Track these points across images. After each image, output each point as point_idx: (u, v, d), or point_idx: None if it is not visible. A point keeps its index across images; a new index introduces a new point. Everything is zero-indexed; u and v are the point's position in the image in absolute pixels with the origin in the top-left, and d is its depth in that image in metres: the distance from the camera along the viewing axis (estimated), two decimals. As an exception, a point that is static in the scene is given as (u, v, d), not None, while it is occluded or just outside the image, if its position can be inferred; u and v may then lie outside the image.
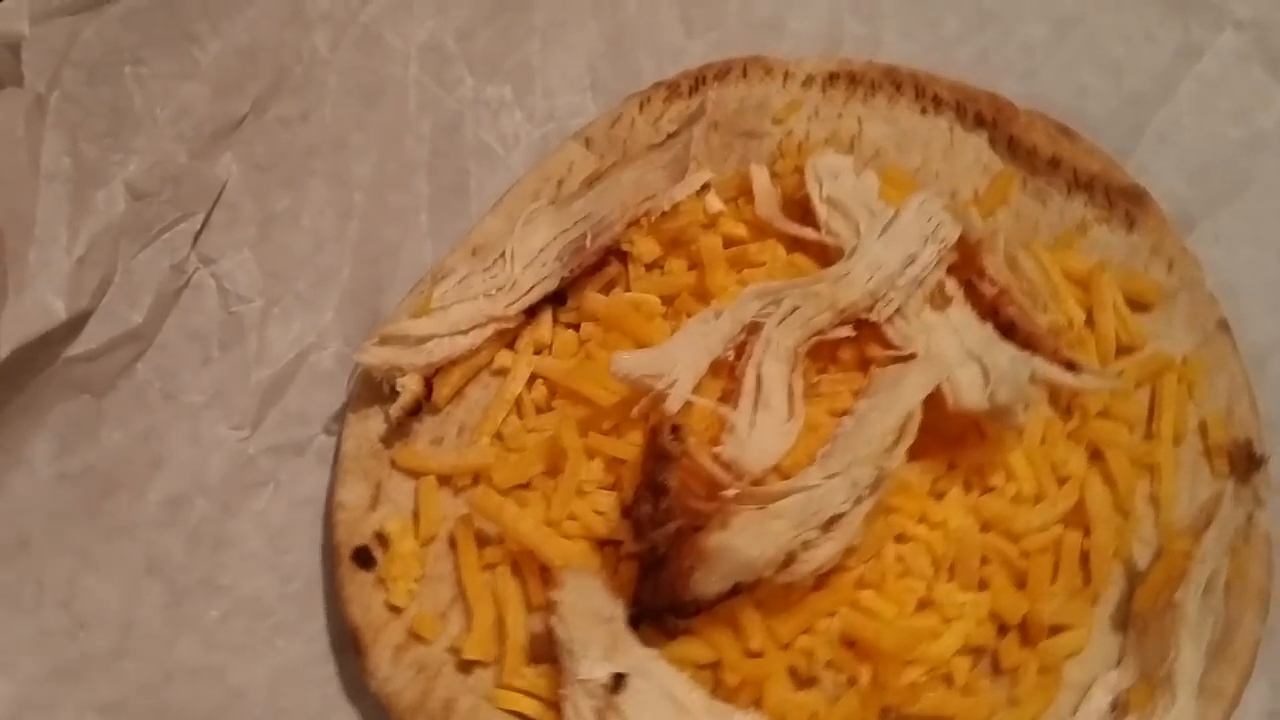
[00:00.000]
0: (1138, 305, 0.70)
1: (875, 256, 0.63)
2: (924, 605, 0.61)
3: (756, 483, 0.59)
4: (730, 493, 0.58)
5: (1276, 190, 0.76)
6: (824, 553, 0.58)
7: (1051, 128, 0.75)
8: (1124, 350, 0.69)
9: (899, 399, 0.59)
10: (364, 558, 0.63)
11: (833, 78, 0.77)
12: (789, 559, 0.57)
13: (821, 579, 0.60)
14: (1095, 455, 0.65)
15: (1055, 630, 0.61)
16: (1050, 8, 0.82)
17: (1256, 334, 0.72)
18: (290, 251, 0.73)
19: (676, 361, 0.61)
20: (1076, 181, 0.73)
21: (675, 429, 0.59)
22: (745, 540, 0.57)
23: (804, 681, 0.60)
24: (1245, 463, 0.65)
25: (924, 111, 0.76)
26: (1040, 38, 0.81)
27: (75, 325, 0.65)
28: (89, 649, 0.61)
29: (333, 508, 0.65)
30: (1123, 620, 0.62)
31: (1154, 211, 0.72)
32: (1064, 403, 0.66)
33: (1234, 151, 0.77)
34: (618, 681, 0.56)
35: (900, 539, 0.62)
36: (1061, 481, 0.64)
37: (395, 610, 0.62)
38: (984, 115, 0.75)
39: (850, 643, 0.60)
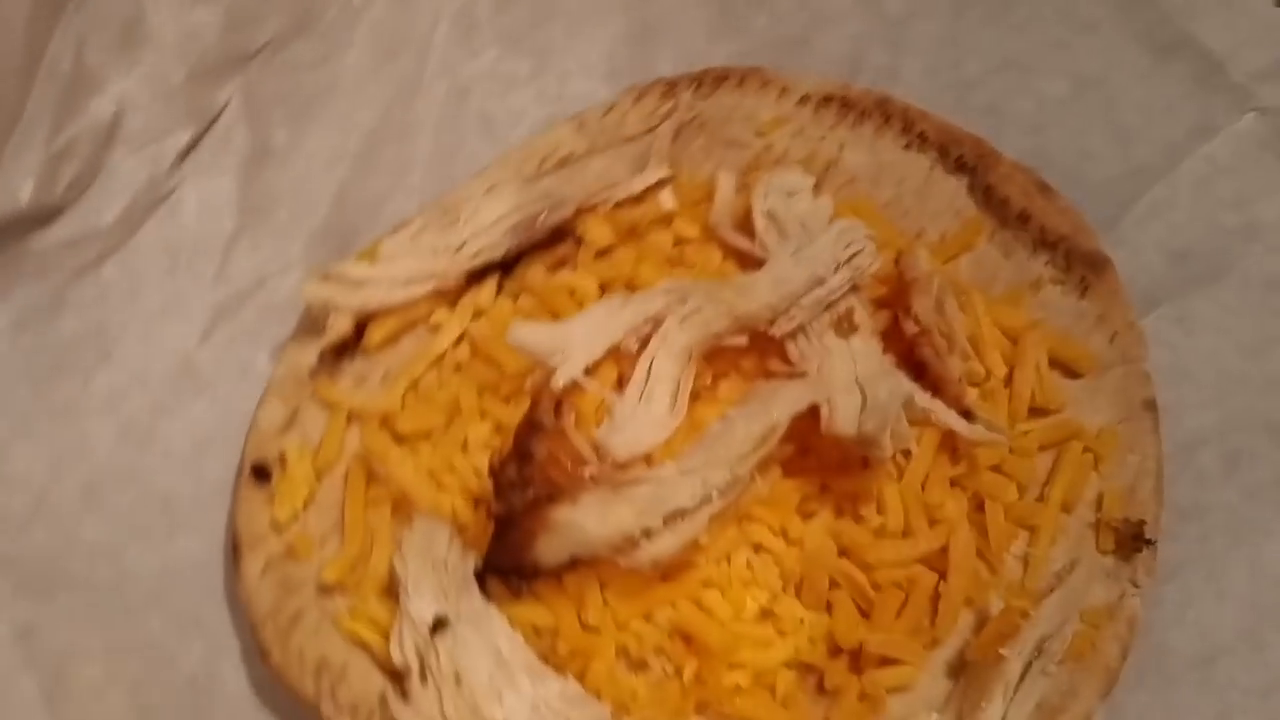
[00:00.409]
0: (1069, 371, 0.73)
1: (782, 273, 0.68)
2: (765, 615, 0.66)
3: (621, 468, 0.64)
4: (588, 471, 0.63)
5: (1254, 284, 0.78)
6: (663, 544, 0.63)
7: (1030, 183, 0.78)
8: (1039, 411, 0.72)
9: (767, 411, 0.64)
10: (261, 473, 0.70)
11: (827, 100, 0.81)
12: (629, 544, 0.63)
13: (670, 572, 0.66)
14: (980, 507, 0.68)
15: (886, 662, 0.65)
16: (1074, 65, 0.85)
17: (1194, 422, 0.74)
18: (274, 185, 0.81)
19: (573, 340, 0.67)
20: (1043, 240, 0.76)
21: (558, 403, 0.65)
22: (589, 518, 0.62)
23: (634, 664, 0.65)
24: (1131, 542, 0.68)
25: (908, 147, 0.80)
26: (1057, 94, 0.84)
27: (49, 215, 0.74)
28: (2, 505, 0.70)
29: (251, 424, 0.73)
30: (959, 668, 0.65)
31: (1110, 281, 0.75)
32: (960, 450, 0.69)
33: (1223, 238, 0.79)
34: (438, 624, 0.62)
35: (756, 548, 0.66)
36: (933, 524, 0.67)
37: (278, 527, 0.69)
38: (966, 160, 0.79)
39: (684, 636, 0.65)
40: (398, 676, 0.64)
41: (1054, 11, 0.86)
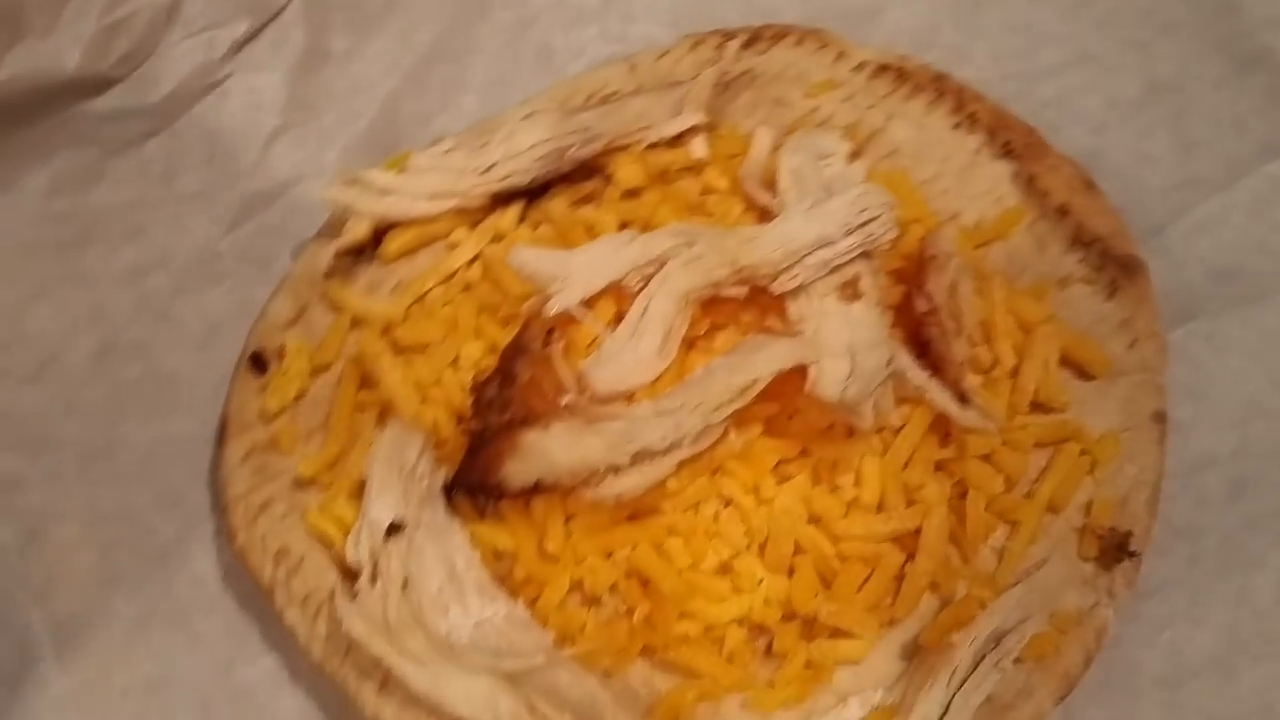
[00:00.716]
0: (1081, 372, 0.71)
1: (790, 230, 0.67)
2: (724, 570, 0.65)
3: (600, 402, 0.64)
4: (566, 400, 0.63)
5: (1297, 314, 0.75)
6: (629, 482, 0.63)
7: (1075, 178, 0.76)
8: (1042, 408, 0.70)
9: (751, 364, 0.63)
10: (259, 362, 0.71)
11: (882, 69, 0.80)
12: (594, 477, 0.62)
13: (636, 514, 0.65)
14: (963, 494, 0.67)
15: (838, 634, 0.64)
16: (1150, 68, 0.82)
17: (1205, 442, 0.72)
18: (324, 88, 0.82)
19: (574, 270, 0.67)
20: (1079, 237, 0.74)
21: (549, 329, 0.65)
22: (558, 445, 0.62)
23: (587, 599, 0.65)
24: (1114, 552, 0.66)
25: (957, 127, 0.78)
26: (1127, 96, 0.82)
27: (98, 87, 0.75)
28: (7, 364, 0.72)
29: (259, 314, 0.74)
30: (914, 651, 0.64)
31: (1141, 287, 0.73)
32: (951, 435, 0.67)
33: (1272, 260, 0.76)
34: (394, 528, 0.62)
35: (726, 502, 0.66)
36: (910, 504, 0.66)
37: (266, 417, 0.70)
38: (1014, 147, 0.77)
39: (640, 579, 0.64)
40: (351, 576, 0.64)
41: (1135, 11, 0.84)
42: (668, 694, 0.63)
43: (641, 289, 0.67)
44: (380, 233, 0.75)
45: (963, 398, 0.67)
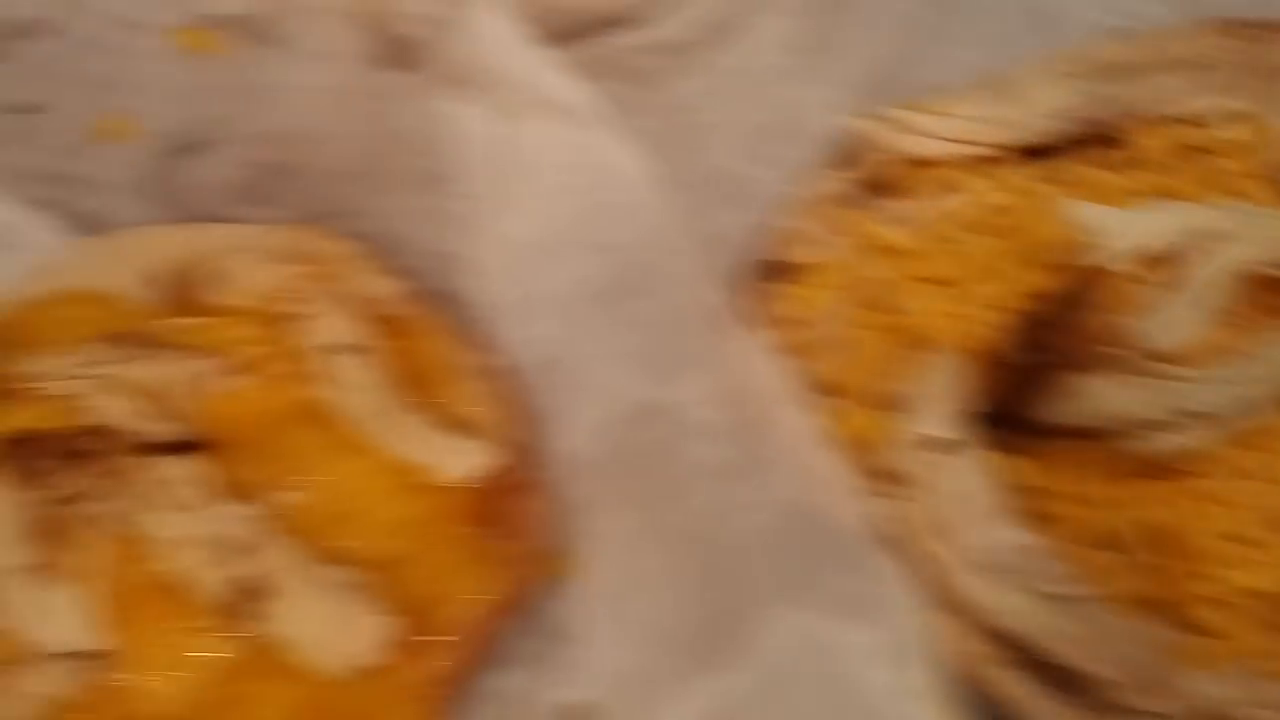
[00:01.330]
0: None
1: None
2: (1247, 540, 0.66)
3: (1147, 359, 0.66)
4: (1115, 351, 0.65)
5: None
6: (1173, 440, 0.65)
7: None
8: None
9: (1311, 348, 0.64)
10: (774, 271, 0.75)
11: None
12: (1134, 429, 0.65)
13: (1165, 472, 0.67)
14: None
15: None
16: None
17: None
18: (831, 31, 0.85)
19: (1130, 228, 0.69)
20: None
21: (1097, 281, 0.67)
22: (1104, 392, 0.65)
23: (1106, 545, 0.67)
24: None
25: None
26: None
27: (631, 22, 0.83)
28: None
29: (775, 230, 0.78)
30: None
31: None
32: None
33: None
34: (935, 444, 0.65)
35: (1252, 476, 0.67)
36: None
37: (788, 324, 0.74)
38: None
39: (1154, 534, 0.66)
40: (876, 478, 0.68)
41: None
42: (1184, 647, 0.64)
43: (1186, 258, 0.69)
44: (893, 168, 0.78)
45: None
